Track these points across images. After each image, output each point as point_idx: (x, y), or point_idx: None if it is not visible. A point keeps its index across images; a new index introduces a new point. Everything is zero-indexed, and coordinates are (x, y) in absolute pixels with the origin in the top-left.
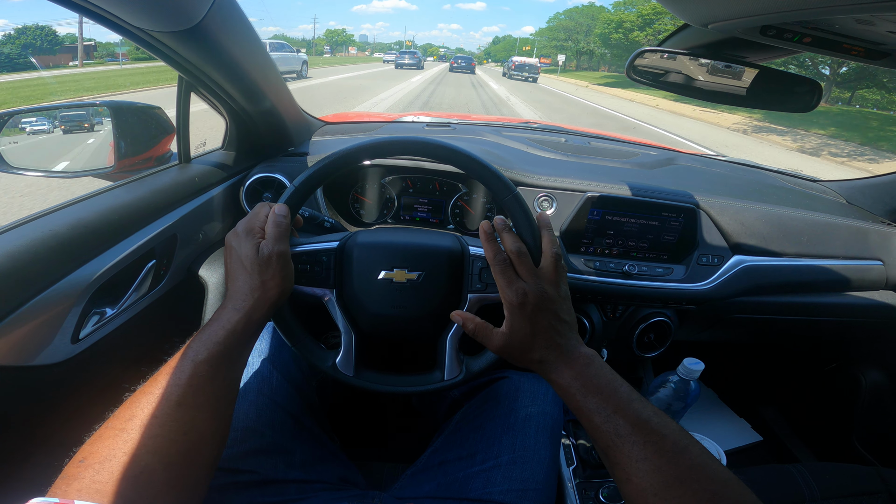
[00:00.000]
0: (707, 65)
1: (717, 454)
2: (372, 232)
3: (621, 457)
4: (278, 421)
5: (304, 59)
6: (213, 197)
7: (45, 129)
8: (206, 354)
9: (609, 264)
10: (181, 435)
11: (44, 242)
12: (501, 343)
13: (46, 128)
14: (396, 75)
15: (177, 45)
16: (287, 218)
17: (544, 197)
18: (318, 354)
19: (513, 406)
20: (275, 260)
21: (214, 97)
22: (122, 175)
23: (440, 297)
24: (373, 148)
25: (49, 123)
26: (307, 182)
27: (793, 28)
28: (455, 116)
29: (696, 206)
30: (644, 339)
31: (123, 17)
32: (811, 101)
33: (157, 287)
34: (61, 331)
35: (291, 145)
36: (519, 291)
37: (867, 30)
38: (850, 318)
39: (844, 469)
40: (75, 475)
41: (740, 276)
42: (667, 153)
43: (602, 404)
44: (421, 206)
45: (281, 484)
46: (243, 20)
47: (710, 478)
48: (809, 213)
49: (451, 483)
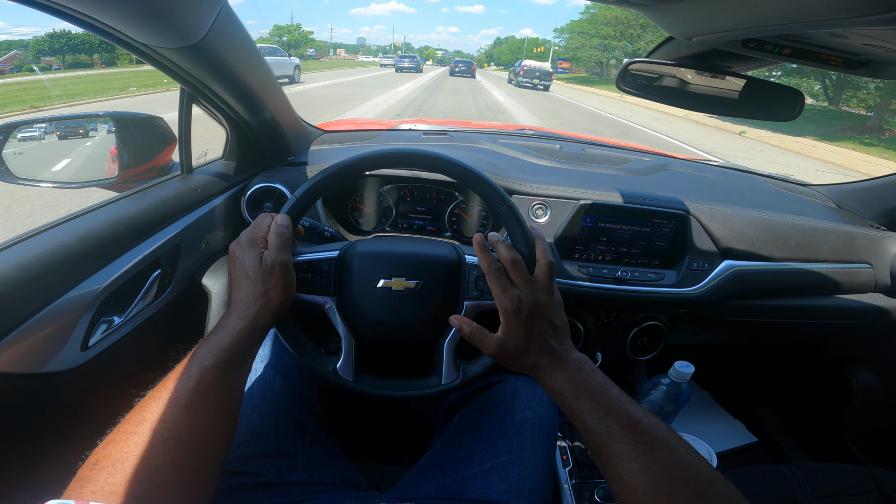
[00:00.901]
0: (696, 75)
1: (708, 455)
2: (371, 241)
3: (613, 457)
4: (282, 425)
5: (296, 63)
6: (215, 207)
7: (36, 137)
8: (213, 360)
9: (602, 270)
10: (190, 438)
11: (53, 254)
12: (496, 348)
13: (37, 135)
14: (386, 83)
15: (180, 60)
16: (289, 228)
17: (539, 205)
18: (319, 360)
19: (509, 409)
20: (277, 269)
21: (215, 108)
22: (125, 185)
23: (437, 305)
24: (371, 160)
25: (40, 131)
26: (308, 193)
27: (773, 41)
28: (452, 123)
29: (686, 212)
30: (638, 343)
31: (129, 33)
32: (794, 110)
33: (162, 295)
34: (71, 339)
35: (291, 154)
36: (514, 298)
37: (842, 42)
38: (840, 321)
39: (837, 469)
40: (89, 477)
41: (730, 281)
42: (660, 159)
43: (594, 406)
44: (418, 214)
45: (285, 486)
46: (244, 35)
47: (698, 477)
48: (798, 218)
49: (449, 484)
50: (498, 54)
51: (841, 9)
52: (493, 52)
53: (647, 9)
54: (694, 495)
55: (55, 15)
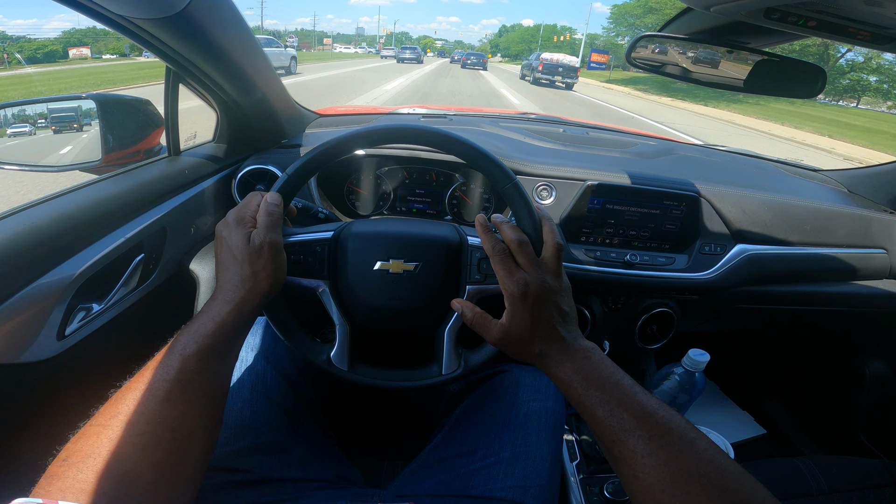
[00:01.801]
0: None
1: (725, 448)
2: (368, 222)
3: (627, 452)
4: (273, 418)
5: (292, 54)
6: (205, 189)
7: (27, 132)
8: (195, 348)
9: (610, 254)
10: (169, 432)
11: (25, 237)
12: (500, 335)
13: (28, 130)
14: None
15: (161, 34)
16: (279, 207)
17: (543, 186)
18: (311, 348)
19: (514, 401)
20: (266, 250)
21: (204, 88)
22: (109, 169)
23: (438, 289)
24: (369, 135)
25: (30, 126)
26: (300, 171)
27: (797, 11)
28: (452, 108)
29: (697, 194)
30: (647, 331)
31: (104, 3)
32: (816, 87)
33: (146, 282)
34: (46, 327)
35: (284, 137)
36: (520, 282)
37: (875, 12)
38: (854, 308)
39: (851, 462)
40: (58, 474)
41: (743, 265)
42: (666, 143)
43: (605, 398)
44: (417, 196)
45: (277, 483)
46: (231, 6)
47: (719, 473)
48: (812, 202)
49: (451, 480)
50: (505, 44)
51: None
52: (498, 42)
53: None
54: (716, 492)
55: None
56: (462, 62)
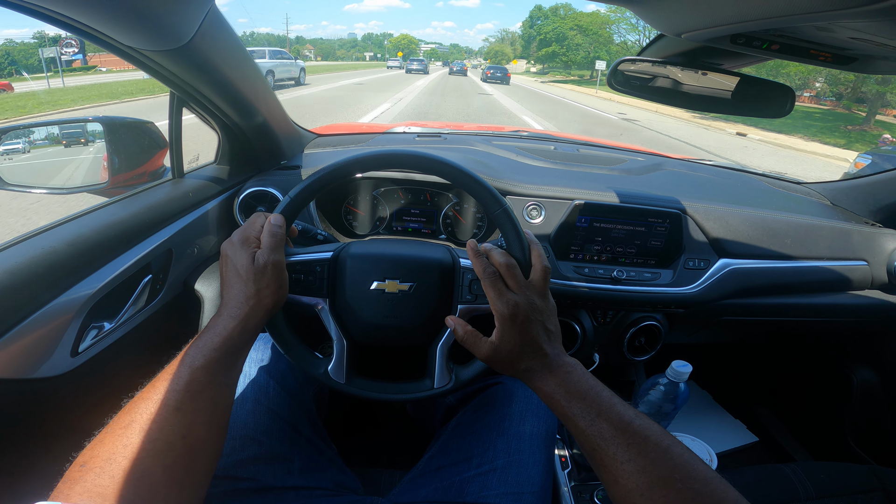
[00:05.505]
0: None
1: (708, 455)
2: (365, 243)
3: (607, 459)
4: (276, 429)
5: (301, 66)
6: (208, 211)
7: (20, 150)
8: (203, 360)
9: (598, 270)
10: (179, 439)
11: (42, 259)
12: (489, 352)
13: (21, 147)
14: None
15: (167, 63)
16: (282, 228)
17: (533, 205)
18: (310, 362)
19: (507, 411)
20: (270, 269)
21: (206, 112)
22: (115, 191)
23: (431, 308)
24: (365, 161)
25: (24, 143)
26: (302, 194)
27: (761, 36)
28: (446, 126)
29: (681, 211)
30: (635, 343)
31: (115, 36)
32: (785, 106)
33: (153, 301)
34: (61, 344)
35: (284, 158)
36: (510, 303)
37: (829, 36)
38: (838, 318)
39: (839, 468)
40: (77, 478)
41: (727, 279)
42: (654, 159)
43: (586, 409)
44: (412, 217)
45: (280, 491)
46: (232, 36)
47: (693, 476)
48: (793, 216)
49: (447, 488)
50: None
51: (824, 1)
52: (530, 35)
53: (637, 5)
54: (690, 495)
55: (39, 18)
56: (484, 75)
